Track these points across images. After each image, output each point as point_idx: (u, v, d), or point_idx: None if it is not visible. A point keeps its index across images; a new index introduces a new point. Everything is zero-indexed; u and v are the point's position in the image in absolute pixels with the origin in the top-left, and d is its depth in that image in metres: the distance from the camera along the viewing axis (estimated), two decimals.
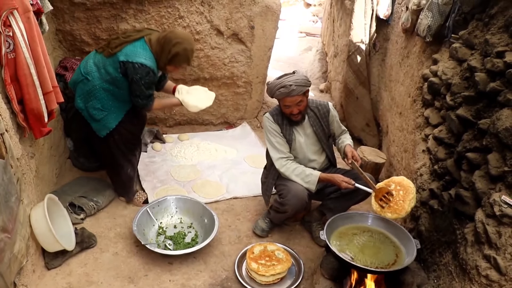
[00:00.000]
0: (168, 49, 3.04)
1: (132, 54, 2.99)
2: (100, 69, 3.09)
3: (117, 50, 3.00)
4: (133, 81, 3.02)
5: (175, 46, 3.03)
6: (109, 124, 3.23)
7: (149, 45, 3.06)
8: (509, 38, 2.26)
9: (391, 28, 4.47)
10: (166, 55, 3.06)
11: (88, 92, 3.14)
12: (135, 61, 2.97)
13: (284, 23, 9.97)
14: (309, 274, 2.98)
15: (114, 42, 3.06)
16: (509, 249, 1.84)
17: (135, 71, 2.99)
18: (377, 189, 2.83)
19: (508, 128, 2.00)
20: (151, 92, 3.17)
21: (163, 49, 3.05)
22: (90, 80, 3.11)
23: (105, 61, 3.06)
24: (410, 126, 3.49)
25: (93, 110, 3.17)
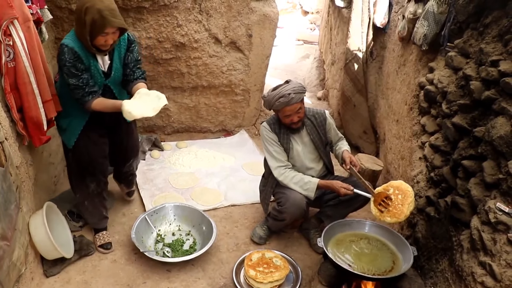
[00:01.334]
0: (83, 21, 2.52)
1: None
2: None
3: None
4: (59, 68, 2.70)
5: (87, 13, 2.50)
6: (75, 130, 2.94)
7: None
8: (503, 47, 2.29)
9: (387, 37, 4.51)
10: (84, 29, 2.54)
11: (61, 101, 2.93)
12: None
13: (281, 31, 10.01)
14: (306, 281, 2.99)
15: None
16: (504, 255, 1.85)
17: (58, 56, 2.64)
18: (375, 194, 2.85)
19: (502, 136, 2.03)
20: (77, 82, 2.67)
21: (79, 24, 2.57)
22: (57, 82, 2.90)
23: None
24: (407, 133, 3.51)
25: (60, 119, 2.96)
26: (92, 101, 2.74)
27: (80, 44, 2.60)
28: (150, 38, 4.19)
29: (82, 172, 3.04)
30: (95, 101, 2.75)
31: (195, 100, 4.89)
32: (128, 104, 2.65)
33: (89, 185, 3.11)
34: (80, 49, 2.60)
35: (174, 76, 4.59)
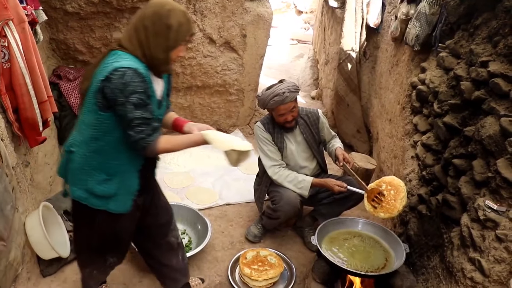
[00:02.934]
0: (166, 26, 1.91)
1: (102, 70, 1.87)
2: (80, 127, 2.03)
3: (86, 84, 1.95)
4: (115, 103, 1.86)
5: (171, 15, 1.91)
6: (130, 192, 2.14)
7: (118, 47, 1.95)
8: (492, 49, 2.33)
9: (381, 37, 4.55)
10: (166, 38, 1.92)
11: (81, 169, 2.03)
12: (109, 71, 1.83)
13: (276, 31, 10.04)
14: (301, 279, 3.02)
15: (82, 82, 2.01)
16: (492, 251, 1.90)
17: (111, 86, 1.83)
18: (369, 190, 2.88)
19: (491, 135, 2.07)
20: (146, 115, 1.89)
21: (155, 32, 1.91)
22: (76, 151, 2.02)
23: (81, 112, 2.02)
24: (399, 132, 3.55)
25: (99, 186, 2.04)
26: (158, 139, 1.96)
27: (142, 65, 1.92)
28: None
29: (106, 246, 2.28)
30: (163, 140, 1.99)
31: (190, 100, 4.91)
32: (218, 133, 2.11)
33: (108, 259, 2.36)
34: (145, 70, 1.91)
35: None
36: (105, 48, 4.10)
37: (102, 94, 1.86)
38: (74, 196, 2.07)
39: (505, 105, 2.11)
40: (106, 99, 1.87)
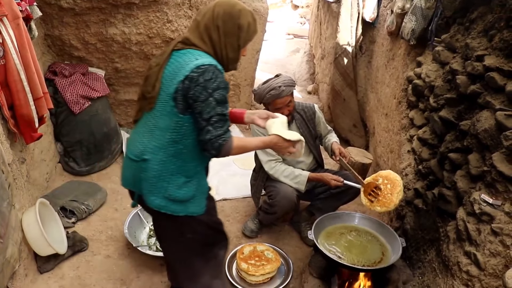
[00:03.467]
0: (238, 26, 1.92)
1: (179, 70, 1.85)
2: (153, 132, 1.94)
3: (157, 87, 1.89)
4: (196, 100, 1.82)
5: (242, 15, 1.93)
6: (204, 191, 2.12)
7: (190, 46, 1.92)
8: (488, 43, 2.33)
9: (377, 31, 4.55)
10: (235, 35, 1.94)
11: (158, 176, 1.95)
12: (190, 69, 1.81)
13: (272, 25, 10.02)
14: (298, 273, 3.04)
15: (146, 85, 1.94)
16: (487, 245, 1.91)
17: (194, 84, 1.81)
18: (365, 184, 2.89)
19: (487, 129, 2.08)
20: (225, 111, 1.89)
21: (227, 31, 1.91)
22: (150, 158, 1.94)
23: (151, 117, 1.95)
24: (395, 127, 3.56)
25: (179, 191, 1.98)
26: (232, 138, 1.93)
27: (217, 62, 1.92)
28: (140, 34, 4.18)
29: (210, 241, 2.21)
30: (235, 138, 1.95)
31: None
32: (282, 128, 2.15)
33: (218, 253, 2.27)
34: (221, 67, 1.91)
35: None
36: (100, 44, 4.11)
37: (183, 94, 1.83)
38: (154, 205, 1.98)
39: (501, 99, 2.11)
40: (186, 100, 1.84)
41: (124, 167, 2.11)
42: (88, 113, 4.00)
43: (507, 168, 1.92)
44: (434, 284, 2.33)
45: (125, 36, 4.14)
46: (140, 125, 2.01)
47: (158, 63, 1.93)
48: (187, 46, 1.91)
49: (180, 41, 1.94)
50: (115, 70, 4.42)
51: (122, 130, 4.67)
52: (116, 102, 4.69)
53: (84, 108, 3.94)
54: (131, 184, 2.06)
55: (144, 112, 1.97)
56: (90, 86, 4.03)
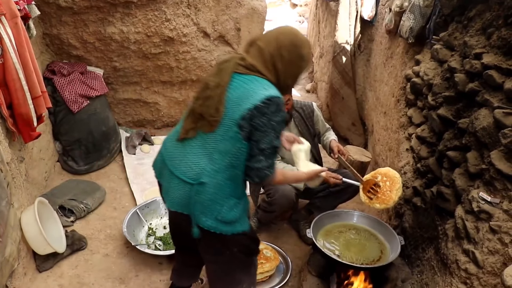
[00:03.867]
0: (299, 55, 1.95)
1: (244, 99, 1.84)
2: (211, 155, 1.90)
3: (221, 110, 1.85)
4: (258, 129, 1.83)
5: (304, 45, 1.96)
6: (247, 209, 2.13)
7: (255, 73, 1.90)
8: (486, 41, 2.33)
9: (375, 29, 4.55)
10: (296, 65, 1.97)
11: (214, 199, 1.93)
12: (260, 100, 1.81)
13: (270, 24, 10.00)
14: (296, 272, 3.04)
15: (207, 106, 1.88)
16: (486, 243, 1.91)
17: (261, 112, 1.81)
18: (364, 181, 2.89)
19: (485, 127, 2.08)
20: (278, 145, 1.93)
21: (290, 61, 1.93)
22: (207, 182, 1.91)
23: (210, 139, 1.90)
24: (394, 125, 3.56)
25: (230, 213, 1.98)
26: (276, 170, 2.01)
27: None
28: (139, 33, 4.18)
29: (251, 251, 2.22)
30: (279, 171, 2.05)
31: (185, 94, 4.90)
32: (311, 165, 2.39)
33: (254, 260, 2.33)
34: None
35: (163, 70, 4.59)
36: (99, 43, 4.11)
37: (250, 123, 1.83)
38: (205, 226, 1.95)
39: (499, 97, 2.11)
40: (250, 128, 1.84)
41: (171, 188, 2.00)
42: (87, 112, 4.00)
43: (505, 166, 1.93)
44: (432, 282, 2.33)
45: (124, 35, 4.14)
46: (192, 144, 1.95)
47: (217, 84, 1.88)
48: (252, 72, 1.90)
49: (242, 65, 1.91)
50: (113, 69, 4.42)
51: (121, 129, 4.67)
52: (115, 101, 4.69)
53: (82, 107, 3.94)
54: (182, 206, 1.98)
55: (199, 132, 1.93)
56: (88, 85, 4.03)
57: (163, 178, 2.09)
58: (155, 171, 2.18)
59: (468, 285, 1.98)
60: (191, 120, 1.97)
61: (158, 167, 2.14)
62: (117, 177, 4.13)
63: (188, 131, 1.96)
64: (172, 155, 2.02)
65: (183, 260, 2.52)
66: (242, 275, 2.24)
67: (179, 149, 1.99)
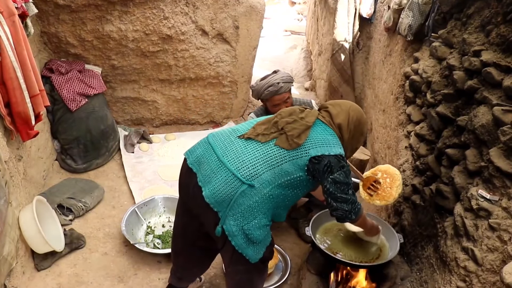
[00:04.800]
0: (362, 132, 2.25)
1: (324, 144, 2.02)
2: (274, 168, 1.97)
3: (303, 140, 2.00)
4: (333, 181, 2.00)
5: (366, 123, 2.31)
6: (267, 240, 2.14)
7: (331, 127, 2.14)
8: (485, 38, 2.33)
9: (374, 27, 4.54)
10: (357, 139, 2.25)
11: (252, 208, 1.96)
12: (332, 153, 2.01)
13: (269, 22, 9.99)
14: (295, 270, 3.04)
15: (293, 128, 2.03)
16: (485, 241, 1.91)
17: (335, 167, 2.00)
18: (364, 178, 2.89)
19: (484, 124, 2.08)
20: (354, 198, 2.11)
21: (354, 133, 2.20)
22: (257, 187, 1.94)
23: (278, 154, 1.99)
24: (393, 123, 3.56)
25: (257, 231, 2.00)
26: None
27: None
28: (137, 31, 4.17)
29: (267, 258, 2.23)
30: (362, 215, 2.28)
31: (183, 92, 4.89)
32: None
33: (267, 265, 2.36)
34: None
35: (161, 68, 4.58)
36: (97, 41, 4.10)
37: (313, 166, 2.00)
38: (227, 227, 1.96)
39: (498, 94, 2.11)
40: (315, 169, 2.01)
41: (215, 179, 1.97)
42: (85, 110, 3.99)
43: (504, 163, 1.92)
44: (431, 280, 2.33)
45: (122, 33, 4.12)
46: (257, 148, 2.02)
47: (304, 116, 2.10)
48: (332, 126, 2.14)
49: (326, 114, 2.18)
50: (112, 67, 4.40)
51: (119, 127, 4.66)
52: (113, 99, 4.68)
53: (81, 106, 3.93)
54: (218, 200, 1.95)
55: (269, 141, 2.03)
56: (86, 83, 4.02)
57: (204, 166, 2.05)
58: (189, 157, 2.15)
59: (467, 283, 1.98)
60: (266, 128, 2.06)
61: (199, 154, 2.10)
62: (116, 175, 4.12)
63: (259, 135, 2.04)
64: (228, 148, 2.03)
65: (184, 264, 2.50)
66: (258, 280, 2.31)
67: (238, 145, 2.03)
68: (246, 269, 2.15)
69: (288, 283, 2.97)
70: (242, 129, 2.11)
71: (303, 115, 2.10)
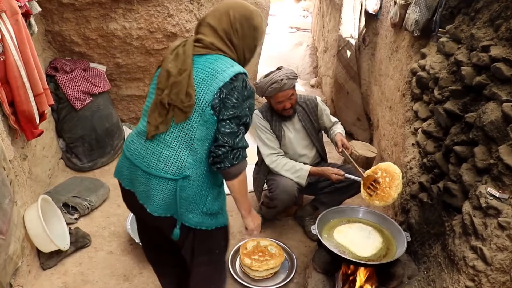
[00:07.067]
0: (252, 26, 1.89)
1: (215, 77, 1.77)
2: (191, 145, 1.81)
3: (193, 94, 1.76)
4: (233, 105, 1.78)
5: (254, 15, 1.91)
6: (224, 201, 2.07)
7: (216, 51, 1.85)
8: (494, 33, 2.29)
9: (380, 23, 4.50)
10: (251, 37, 1.92)
11: (199, 191, 1.87)
12: (229, 77, 1.77)
13: (274, 19, 9.97)
14: (301, 268, 3.02)
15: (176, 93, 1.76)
16: (494, 239, 1.87)
17: (232, 89, 1.78)
18: (365, 177, 2.87)
19: (493, 121, 2.04)
20: (250, 125, 1.93)
21: (244, 34, 1.89)
22: (191, 174, 1.83)
23: (185, 129, 1.80)
24: (399, 120, 3.52)
25: (215, 203, 1.94)
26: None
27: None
28: (141, 29, 4.15)
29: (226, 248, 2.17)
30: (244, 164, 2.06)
31: None
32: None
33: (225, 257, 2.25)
34: None
35: None
36: (101, 39, 4.09)
37: (221, 101, 1.77)
38: (192, 223, 1.87)
39: (507, 90, 2.07)
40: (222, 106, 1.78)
41: (152, 191, 1.85)
42: (90, 109, 3.99)
43: None
44: (439, 279, 2.30)
45: (126, 31, 4.11)
46: (166, 139, 1.83)
47: (181, 69, 1.78)
48: (213, 51, 1.84)
49: (201, 46, 1.85)
50: (116, 66, 4.39)
51: (124, 125, 4.66)
52: (118, 98, 4.68)
53: (85, 104, 3.92)
54: (166, 208, 1.85)
55: (171, 124, 1.81)
56: (91, 81, 4.02)
57: (136, 183, 1.92)
58: (122, 180, 2.02)
59: (476, 282, 1.95)
60: (158, 114, 1.82)
61: (126, 174, 1.97)
62: None
63: (158, 126, 1.82)
64: (144, 155, 1.87)
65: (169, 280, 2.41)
66: (218, 274, 2.18)
67: (150, 147, 1.86)
68: (209, 260, 2.06)
69: (294, 281, 2.95)
70: (142, 126, 1.91)
71: (178, 66, 1.80)
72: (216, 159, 1.78)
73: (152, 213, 1.86)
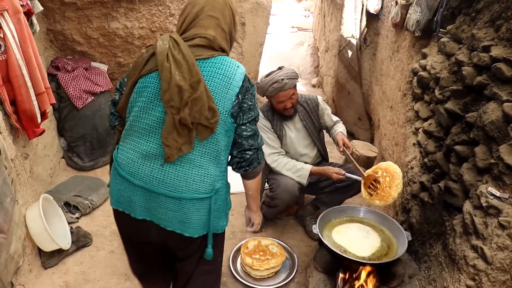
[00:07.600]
0: (233, 18, 1.82)
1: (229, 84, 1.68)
2: (218, 158, 1.75)
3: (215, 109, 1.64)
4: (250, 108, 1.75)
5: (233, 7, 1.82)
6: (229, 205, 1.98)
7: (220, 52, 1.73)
8: (494, 33, 2.29)
9: (381, 23, 4.50)
10: (235, 28, 1.86)
11: (225, 198, 1.87)
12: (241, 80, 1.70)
13: (275, 18, 9.96)
14: (303, 268, 3.02)
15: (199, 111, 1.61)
16: (495, 239, 1.88)
17: (246, 92, 1.73)
18: (365, 176, 2.87)
19: (493, 121, 2.04)
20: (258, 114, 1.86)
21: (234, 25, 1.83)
22: (220, 187, 1.79)
23: (210, 143, 1.70)
24: (400, 119, 3.53)
25: (228, 204, 1.93)
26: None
27: None
28: (143, 28, 4.16)
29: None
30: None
31: None
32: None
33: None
34: None
35: None
36: (103, 38, 4.09)
37: (239, 107, 1.71)
38: (220, 229, 1.85)
39: (508, 90, 2.07)
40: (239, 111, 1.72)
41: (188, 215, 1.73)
42: (91, 108, 4.00)
43: None
44: (440, 278, 2.30)
45: (128, 30, 4.12)
46: (191, 158, 1.69)
47: (193, 82, 1.60)
48: (214, 52, 1.71)
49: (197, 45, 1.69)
50: (118, 65, 4.40)
51: None
52: None
53: (87, 103, 3.93)
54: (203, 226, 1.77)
55: (196, 138, 1.67)
56: (93, 81, 4.02)
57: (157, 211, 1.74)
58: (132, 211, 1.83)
59: (477, 282, 1.95)
60: (177, 135, 1.64)
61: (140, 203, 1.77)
62: None
63: (181, 148, 1.66)
64: (166, 180, 1.70)
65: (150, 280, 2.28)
66: (220, 279, 2.15)
67: (173, 170, 1.69)
68: (210, 269, 1.98)
69: (295, 281, 2.95)
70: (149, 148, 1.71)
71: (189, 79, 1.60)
72: (244, 163, 1.80)
73: (192, 236, 1.76)
